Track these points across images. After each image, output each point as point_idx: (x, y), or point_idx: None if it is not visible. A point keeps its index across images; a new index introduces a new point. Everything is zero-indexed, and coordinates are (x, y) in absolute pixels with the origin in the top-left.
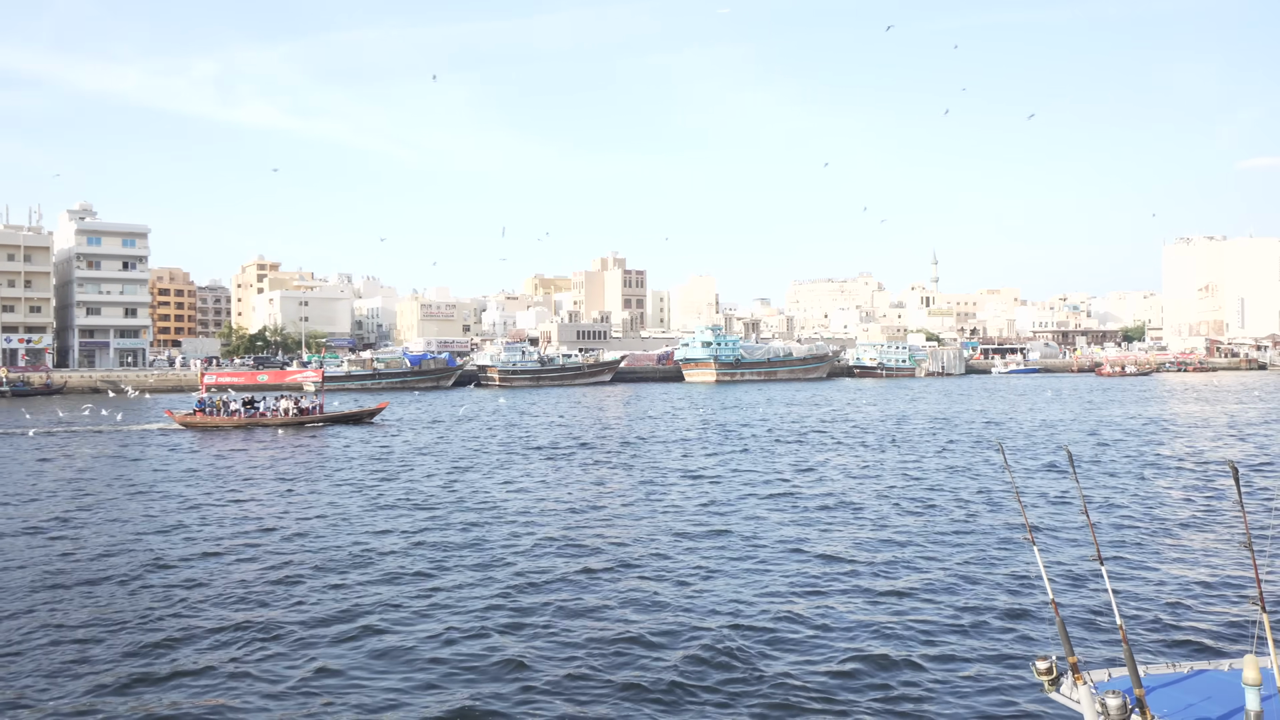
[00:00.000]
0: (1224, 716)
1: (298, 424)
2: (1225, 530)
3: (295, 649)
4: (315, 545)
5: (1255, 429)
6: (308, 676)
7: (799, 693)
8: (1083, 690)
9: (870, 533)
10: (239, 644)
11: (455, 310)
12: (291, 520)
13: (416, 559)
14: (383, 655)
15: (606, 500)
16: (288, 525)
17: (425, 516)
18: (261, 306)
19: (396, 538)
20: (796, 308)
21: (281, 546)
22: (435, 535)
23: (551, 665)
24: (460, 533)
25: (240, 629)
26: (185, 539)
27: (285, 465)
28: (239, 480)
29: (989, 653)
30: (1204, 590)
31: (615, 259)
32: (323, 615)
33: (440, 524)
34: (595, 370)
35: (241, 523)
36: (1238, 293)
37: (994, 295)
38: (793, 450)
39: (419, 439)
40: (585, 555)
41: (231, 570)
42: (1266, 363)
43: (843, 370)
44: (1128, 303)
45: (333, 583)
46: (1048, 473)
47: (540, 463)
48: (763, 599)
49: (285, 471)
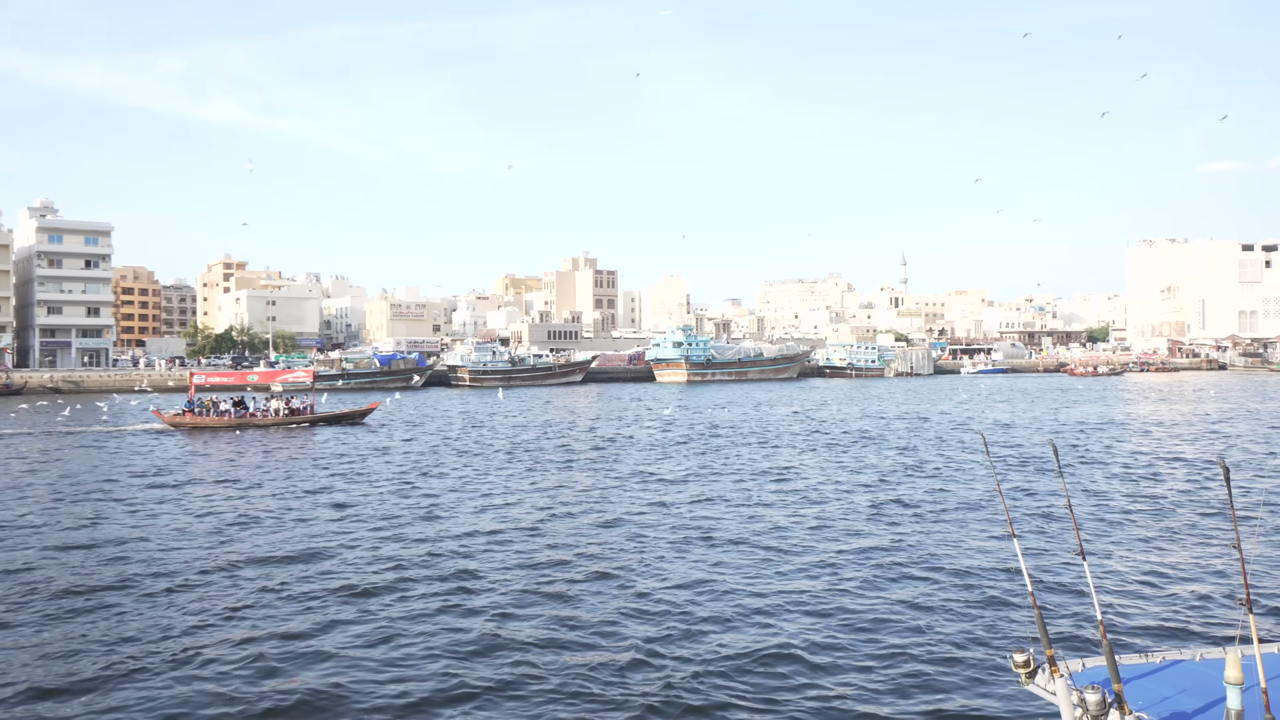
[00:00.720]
0: (1201, 709)
1: (289, 424)
2: (1206, 527)
3: (217, 675)
4: (254, 550)
5: (1226, 426)
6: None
7: (779, 684)
8: (1059, 683)
9: (849, 527)
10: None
11: (425, 310)
12: (238, 527)
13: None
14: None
15: (585, 504)
16: (226, 533)
17: (419, 524)
18: (228, 306)
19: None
20: (767, 308)
21: (211, 552)
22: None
23: (501, 671)
24: (416, 543)
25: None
26: (211, 546)
27: (273, 467)
28: (247, 482)
29: (968, 645)
30: (1183, 585)
31: (587, 259)
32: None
33: (417, 533)
34: (566, 370)
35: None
36: (1198, 294)
37: (962, 296)
38: (765, 450)
39: (425, 441)
40: (553, 563)
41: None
42: (1226, 363)
43: (813, 370)
44: (1092, 304)
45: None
46: (1029, 467)
47: (529, 467)
48: (739, 594)
49: (269, 473)
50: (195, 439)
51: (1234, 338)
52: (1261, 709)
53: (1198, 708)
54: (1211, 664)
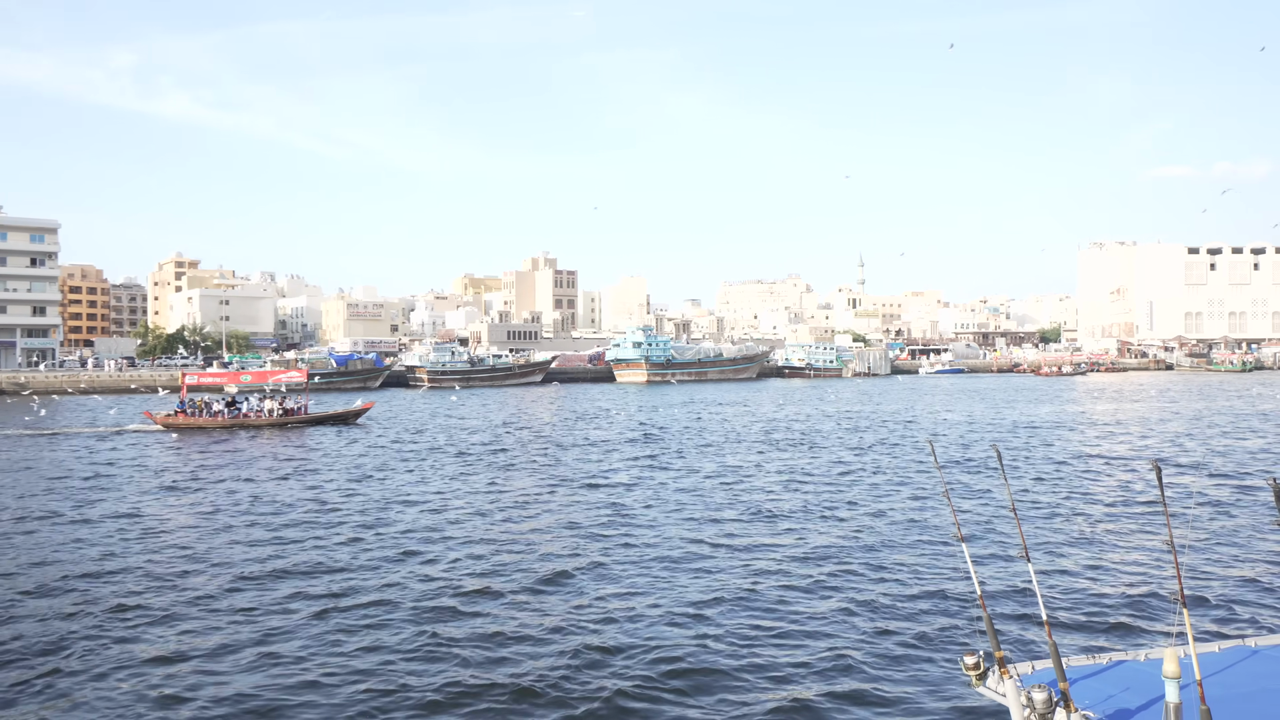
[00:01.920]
0: (1144, 706)
1: (283, 424)
2: (1147, 526)
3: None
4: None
5: (1170, 425)
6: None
7: (725, 690)
8: (1008, 684)
9: (797, 531)
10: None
11: (383, 310)
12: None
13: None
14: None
15: (532, 507)
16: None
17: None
18: (180, 305)
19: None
20: (727, 309)
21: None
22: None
23: (443, 675)
24: (350, 545)
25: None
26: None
27: (269, 467)
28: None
29: (920, 648)
30: (1124, 584)
31: (546, 259)
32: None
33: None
34: (526, 371)
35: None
36: (1147, 296)
37: (918, 297)
38: (718, 451)
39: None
40: (494, 568)
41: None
42: (1173, 363)
43: (772, 371)
44: (1044, 305)
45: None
46: (979, 469)
47: (479, 468)
48: (688, 601)
49: (257, 474)
50: (189, 440)
51: (1180, 339)
52: (1197, 703)
53: (1139, 705)
54: (1154, 663)
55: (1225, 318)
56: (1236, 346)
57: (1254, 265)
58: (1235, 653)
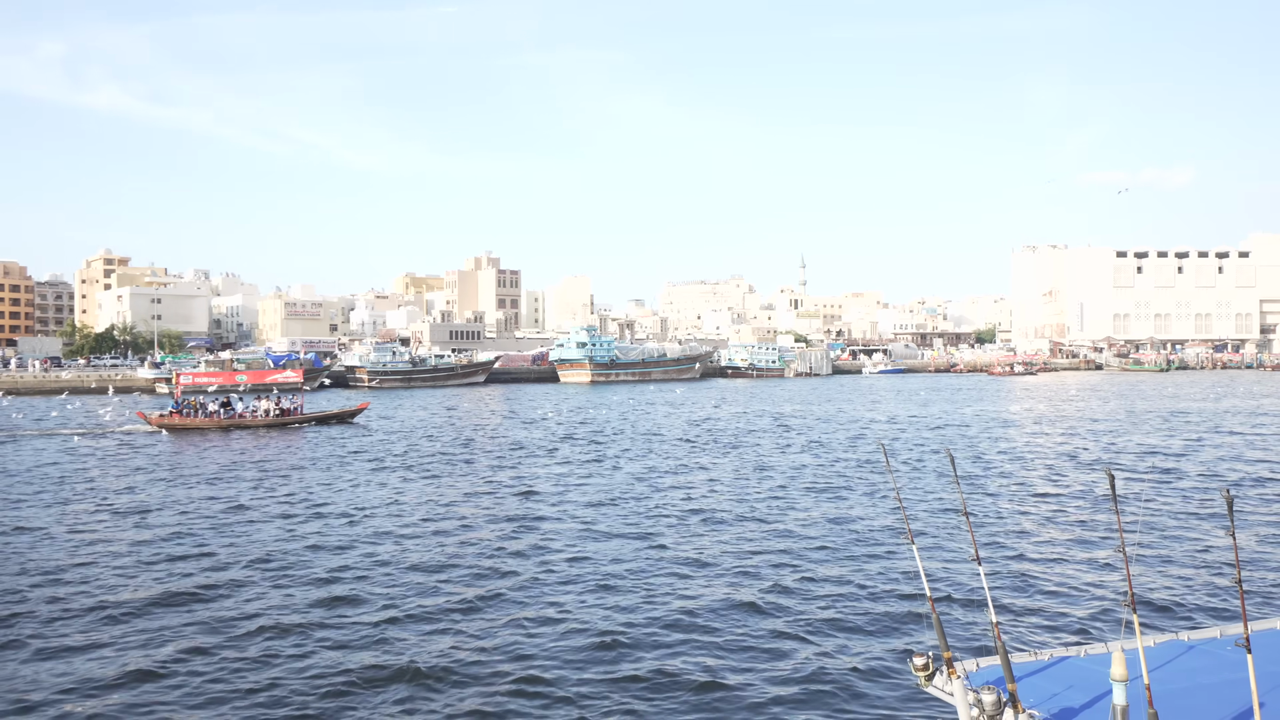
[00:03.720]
0: (1088, 703)
1: (279, 424)
2: (1096, 529)
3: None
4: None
5: (1107, 424)
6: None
7: (676, 690)
8: (956, 684)
9: (746, 533)
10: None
11: (322, 309)
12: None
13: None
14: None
15: (471, 511)
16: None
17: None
18: (109, 304)
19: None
20: (670, 309)
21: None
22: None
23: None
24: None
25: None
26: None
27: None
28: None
29: (871, 650)
30: (1072, 584)
31: (489, 258)
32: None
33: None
34: (469, 371)
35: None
36: (1077, 298)
37: (858, 298)
38: (666, 452)
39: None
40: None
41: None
42: (1102, 363)
43: (715, 371)
44: (980, 306)
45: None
46: (929, 471)
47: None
48: (641, 601)
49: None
50: (184, 441)
51: (1109, 339)
52: (1145, 703)
53: (1084, 702)
54: (1096, 659)
55: (1151, 319)
56: (1162, 347)
57: (1178, 269)
58: (1171, 648)
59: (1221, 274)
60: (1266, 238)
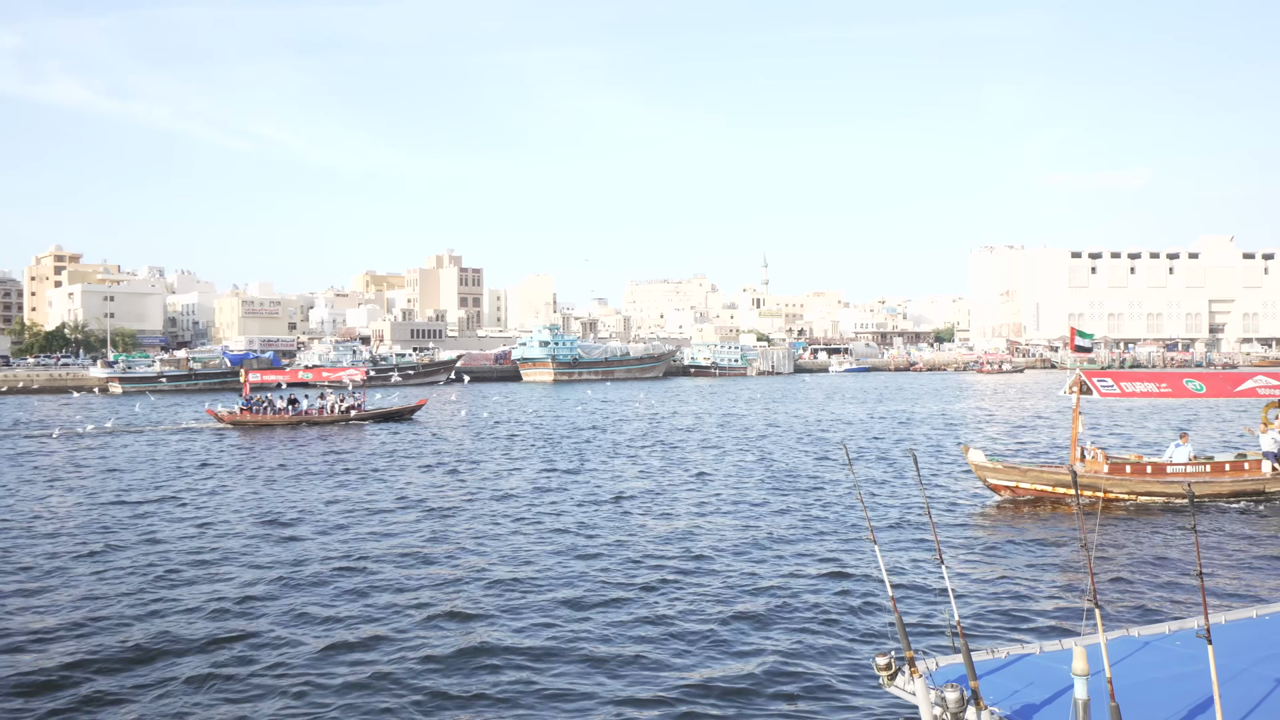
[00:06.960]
0: (1050, 699)
1: (344, 421)
2: (1059, 525)
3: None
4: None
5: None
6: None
7: (637, 691)
8: (918, 683)
9: (705, 533)
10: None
11: (280, 307)
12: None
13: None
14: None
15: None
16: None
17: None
18: (59, 301)
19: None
20: (633, 308)
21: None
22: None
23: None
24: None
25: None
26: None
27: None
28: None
29: (833, 651)
30: (1035, 582)
31: (451, 256)
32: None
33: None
34: (430, 370)
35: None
36: (1033, 298)
37: (820, 298)
38: (633, 453)
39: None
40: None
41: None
42: (1057, 362)
43: (679, 369)
44: (939, 306)
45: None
46: (891, 469)
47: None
48: (601, 603)
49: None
50: (254, 436)
51: (1065, 338)
52: (1106, 696)
53: (1046, 698)
54: (1058, 655)
55: (1105, 319)
56: (1115, 346)
57: (1131, 269)
58: (1132, 642)
59: (1172, 275)
60: (1216, 240)
